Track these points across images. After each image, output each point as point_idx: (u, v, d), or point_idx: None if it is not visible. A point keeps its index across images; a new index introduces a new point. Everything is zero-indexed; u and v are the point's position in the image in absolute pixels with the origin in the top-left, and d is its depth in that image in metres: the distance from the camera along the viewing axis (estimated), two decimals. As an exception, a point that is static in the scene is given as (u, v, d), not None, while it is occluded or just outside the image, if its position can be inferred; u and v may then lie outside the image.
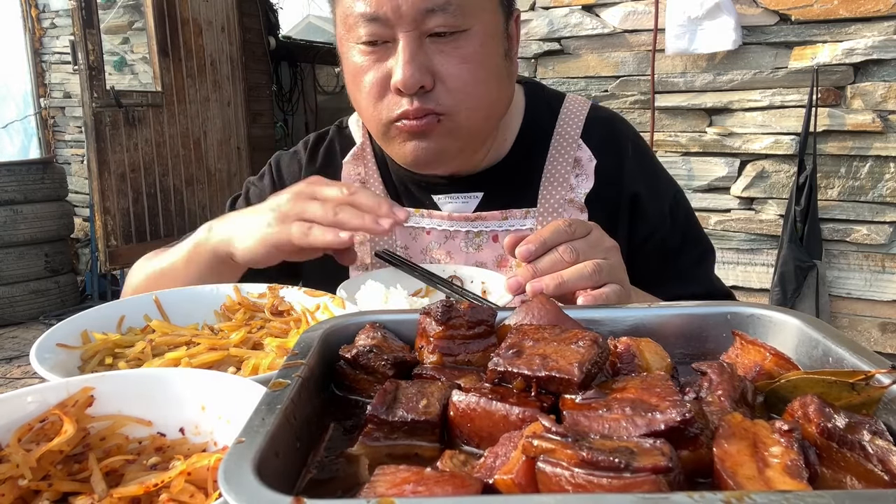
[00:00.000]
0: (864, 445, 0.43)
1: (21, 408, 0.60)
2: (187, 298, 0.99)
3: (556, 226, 0.84)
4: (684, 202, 1.27)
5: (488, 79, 1.05)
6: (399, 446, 0.50)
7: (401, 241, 1.20)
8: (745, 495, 0.34)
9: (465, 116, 1.04)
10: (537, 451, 0.39)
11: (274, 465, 0.42)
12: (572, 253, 0.81)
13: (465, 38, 1.01)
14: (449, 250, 1.18)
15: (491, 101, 1.08)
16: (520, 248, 0.82)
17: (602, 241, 0.87)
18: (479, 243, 1.18)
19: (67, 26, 5.88)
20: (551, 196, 1.16)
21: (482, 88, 1.05)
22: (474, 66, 1.02)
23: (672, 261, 1.22)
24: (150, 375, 0.65)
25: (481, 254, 1.18)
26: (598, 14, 3.38)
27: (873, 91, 2.89)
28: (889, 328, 3.09)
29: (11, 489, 0.53)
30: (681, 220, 1.24)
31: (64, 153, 6.38)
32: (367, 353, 0.59)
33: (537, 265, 0.81)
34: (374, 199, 0.95)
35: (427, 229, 1.20)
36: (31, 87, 6.30)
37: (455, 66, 1.01)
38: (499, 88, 1.09)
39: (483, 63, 1.03)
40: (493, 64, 1.06)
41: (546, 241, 0.82)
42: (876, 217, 3.00)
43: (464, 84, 1.02)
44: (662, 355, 0.57)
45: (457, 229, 1.18)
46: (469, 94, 1.03)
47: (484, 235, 1.18)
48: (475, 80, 1.03)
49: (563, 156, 1.18)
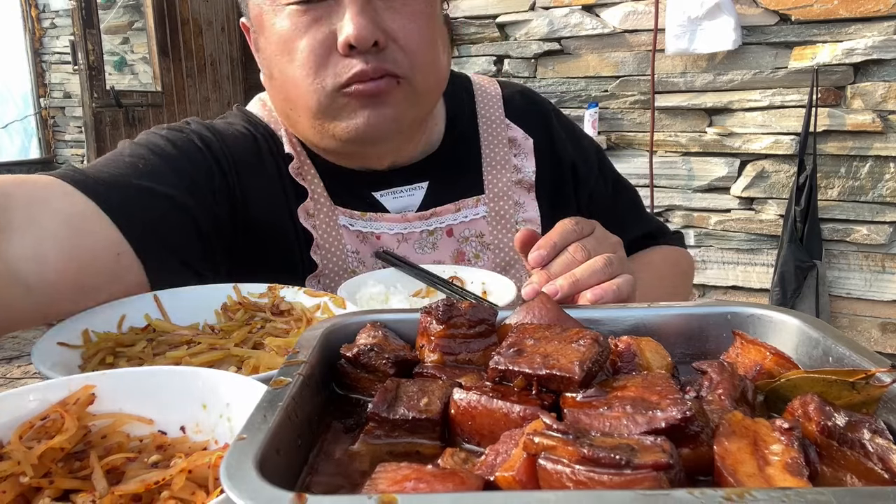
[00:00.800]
0: (864, 444, 0.43)
1: (22, 405, 0.60)
2: (187, 298, 1.00)
3: (563, 227, 0.83)
4: (602, 152, 1.32)
5: (436, 39, 0.99)
6: (400, 444, 0.50)
7: (350, 247, 1.08)
8: (746, 492, 0.34)
9: (421, 79, 0.97)
10: (538, 449, 0.39)
11: (275, 462, 0.43)
12: (584, 251, 0.81)
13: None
14: (405, 253, 1.09)
15: (440, 65, 1.02)
16: (532, 255, 0.81)
17: (607, 236, 0.87)
18: (434, 241, 1.11)
19: (67, 26, 5.89)
20: (497, 180, 1.14)
21: (433, 49, 0.98)
22: (423, 25, 0.96)
23: (612, 211, 1.25)
24: (152, 373, 0.65)
25: (437, 252, 1.11)
26: (598, 14, 3.39)
27: (873, 91, 2.89)
28: (889, 328, 3.09)
29: (13, 486, 0.53)
30: (607, 172, 1.29)
31: (64, 153, 6.38)
32: (368, 352, 0.59)
33: (550, 268, 0.80)
34: None
35: (377, 234, 1.09)
36: (31, 87, 6.30)
37: (406, 22, 0.93)
38: (444, 54, 1.03)
39: (430, 22, 0.97)
40: (438, 25, 1.00)
41: (557, 244, 0.81)
42: (876, 217, 3.01)
43: (416, 43, 0.95)
44: (663, 354, 0.57)
45: (411, 231, 1.10)
46: (423, 54, 0.96)
47: (438, 232, 1.12)
48: (426, 40, 0.96)
49: (496, 137, 1.16)
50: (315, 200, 1.07)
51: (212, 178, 1.01)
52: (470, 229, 1.14)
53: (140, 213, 0.89)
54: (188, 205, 0.95)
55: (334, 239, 1.07)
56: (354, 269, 1.08)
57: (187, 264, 0.96)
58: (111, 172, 0.91)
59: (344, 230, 1.08)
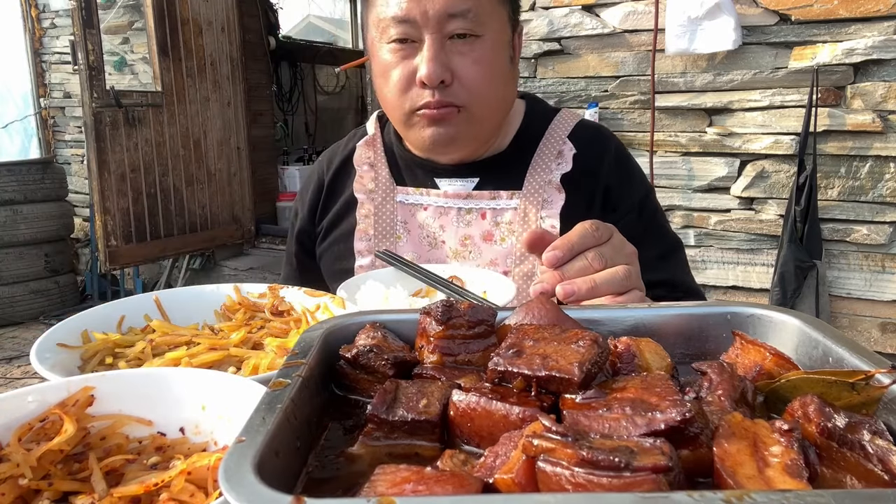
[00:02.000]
0: (864, 445, 0.43)
1: (21, 407, 0.60)
2: (187, 298, 1.00)
3: (583, 229, 0.83)
4: (654, 203, 1.37)
5: (495, 79, 1.22)
6: (399, 446, 0.50)
7: (401, 217, 1.35)
8: (746, 494, 0.34)
9: (478, 109, 1.21)
10: (537, 451, 0.39)
11: (274, 464, 0.43)
12: (601, 260, 0.81)
13: (479, 42, 1.18)
14: (442, 224, 1.33)
15: (498, 98, 1.25)
16: (547, 254, 0.81)
17: (624, 245, 0.88)
18: (469, 220, 1.32)
19: (67, 26, 5.89)
20: (534, 180, 1.30)
21: (491, 86, 1.21)
22: (485, 67, 1.19)
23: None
24: (151, 375, 0.65)
25: (470, 228, 1.32)
26: (598, 14, 3.39)
27: (873, 91, 2.89)
28: (889, 328, 3.09)
29: (12, 488, 0.53)
30: (646, 216, 1.32)
31: (64, 153, 6.39)
32: (367, 353, 0.59)
33: (566, 271, 0.80)
34: None
35: (424, 205, 1.35)
36: (31, 87, 6.30)
37: (470, 66, 1.18)
38: (504, 88, 1.26)
39: (492, 65, 1.20)
40: (500, 67, 1.23)
41: (574, 246, 0.81)
42: (876, 217, 3.00)
43: (476, 82, 1.19)
44: (662, 355, 0.57)
45: (450, 206, 1.33)
46: (480, 90, 1.20)
47: (474, 213, 1.32)
48: (485, 79, 1.20)
49: (550, 150, 1.32)
50: (378, 173, 1.37)
51: (317, 192, 1.47)
52: (501, 216, 1.31)
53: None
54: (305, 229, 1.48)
55: (389, 205, 1.35)
56: (399, 234, 1.34)
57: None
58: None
59: (398, 206, 1.35)
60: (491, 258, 1.30)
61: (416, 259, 1.31)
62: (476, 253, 1.31)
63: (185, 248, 5.16)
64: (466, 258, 1.31)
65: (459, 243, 1.31)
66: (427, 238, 1.33)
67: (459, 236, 1.31)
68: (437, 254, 1.33)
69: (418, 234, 1.34)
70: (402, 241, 1.34)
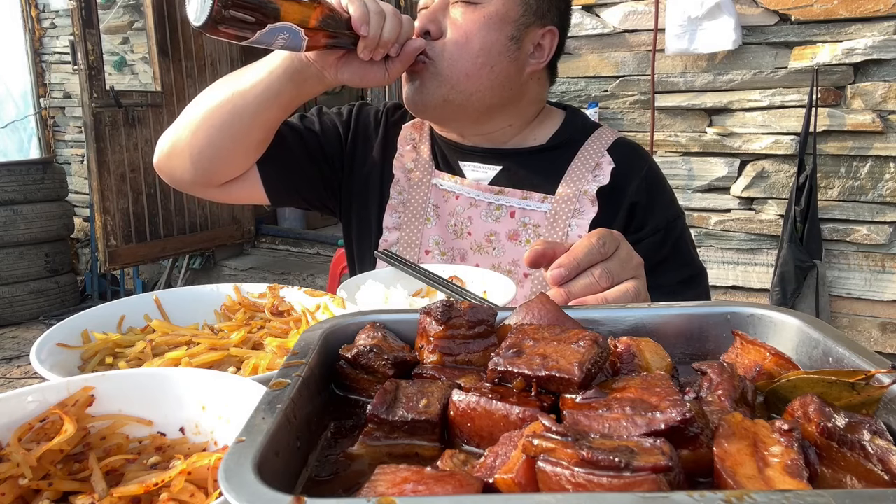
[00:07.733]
0: (864, 445, 0.43)
1: (21, 407, 0.60)
2: (187, 298, 1.00)
3: (589, 244, 0.81)
4: (681, 228, 1.33)
5: (478, 45, 1.22)
6: (399, 446, 0.50)
7: (434, 200, 1.36)
8: (746, 494, 0.34)
9: (447, 65, 1.22)
10: (538, 451, 0.39)
11: (274, 464, 0.43)
12: (608, 276, 0.80)
13: (477, 9, 1.21)
14: (470, 216, 1.33)
15: (476, 64, 1.23)
16: (552, 272, 0.79)
17: (631, 257, 0.86)
18: (498, 216, 1.32)
19: (67, 26, 5.88)
20: (569, 188, 1.30)
21: (466, 49, 1.21)
22: (469, 29, 1.21)
23: (653, 274, 1.23)
24: (151, 375, 0.65)
25: (497, 225, 1.32)
26: (598, 14, 3.39)
27: (873, 91, 2.89)
28: (889, 328, 3.09)
29: (12, 488, 0.53)
30: (671, 241, 1.29)
31: (64, 153, 6.38)
32: (367, 353, 0.59)
33: (571, 289, 0.79)
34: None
35: (457, 194, 1.35)
36: (31, 87, 6.30)
37: (457, 25, 1.21)
38: (488, 56, 1.23)
39: (479, 31, 1.21)
40: (490, 37, 1.22)
41: (580, 263, 0.80)
42: (876, 217, 3.00)
43: (455, 38, 1.21)
44: (662, 355, 0.57)
45: (481, 199, 1.33)
46: (454, 49, 1.21)
47: (503, 209, 1.32)
48: (463, 39, 1.21)
49: (588, 161, 1.32)
50: (419, 154, 1.40)
51: (341, 135, 1.44)
52: (530, 217, 1.30)
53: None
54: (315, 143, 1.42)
55: (424, 186, 1.37)
56: (429, 217, 1.35)
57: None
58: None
59: (433, 189, 1.36)
60: (513, 258, 1.29)
61: (439, 245, 1.33)
62: (500, 250, 1.30)
63: (185, 248, 5.15)
64: (489, 254, 1.31)
65: (484, 238, 1.31)
66: (454, 227, 1.33)
67: (486, 231, 1.31)
68: (460, 244, 1.33)
69: (447, 220, 1.34)
70: (430, 224, 1.35)
